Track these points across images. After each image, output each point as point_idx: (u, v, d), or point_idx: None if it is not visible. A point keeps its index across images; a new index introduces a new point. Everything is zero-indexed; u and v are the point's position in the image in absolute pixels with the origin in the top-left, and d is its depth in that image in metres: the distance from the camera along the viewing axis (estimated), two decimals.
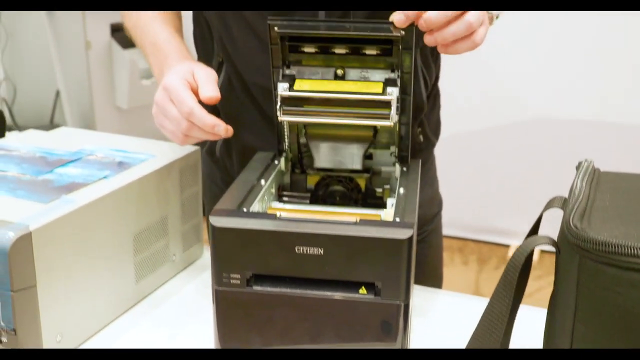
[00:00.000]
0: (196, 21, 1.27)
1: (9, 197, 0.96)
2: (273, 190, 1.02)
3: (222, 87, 1.21)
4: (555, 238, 0.79)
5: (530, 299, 2.76)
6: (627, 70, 2.86)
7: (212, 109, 1.22)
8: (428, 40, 0.95)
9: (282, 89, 1.00)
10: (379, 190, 1.02)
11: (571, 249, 0.72)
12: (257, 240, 0.84)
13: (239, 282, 0.86)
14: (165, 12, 1.20)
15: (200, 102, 1.01)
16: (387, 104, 0.98)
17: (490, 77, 2.90)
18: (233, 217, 0.85)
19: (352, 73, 1.03)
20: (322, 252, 0.83)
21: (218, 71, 1.21)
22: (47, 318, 0.91)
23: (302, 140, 1.07)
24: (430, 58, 1.22)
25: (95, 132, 1.27)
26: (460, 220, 3.21)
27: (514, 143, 3.07)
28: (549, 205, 0.89)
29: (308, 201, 1.04)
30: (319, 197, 1.06)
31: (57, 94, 2.89)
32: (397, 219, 0.86)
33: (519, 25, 2.84)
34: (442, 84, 1.31)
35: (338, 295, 0.85)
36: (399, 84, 1.00)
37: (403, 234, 0.82)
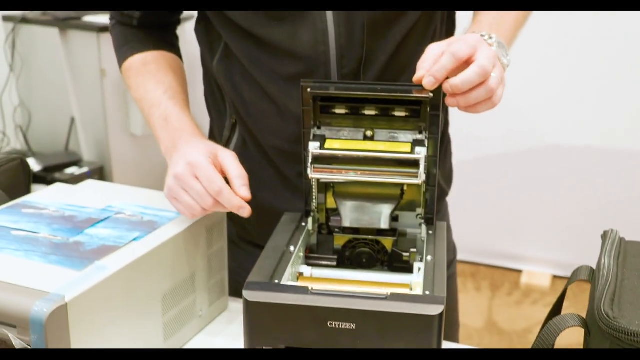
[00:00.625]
0: (206, 81, 1.28)
1: (43, 264, 0.97)
2: (301, 254, 1.03)
3: (237, 147, 1.22)
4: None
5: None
6: None
7: None
8: (450, 102, 0.97)
9: (314, 147, 1.01)
10: (406, 254, 1.04)
11: (602, 334, 0.73)
12: (290, 314, 0.85)
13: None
14: (172, 82, 1.19)
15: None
16: (415, 163, 0.99)
17: (503, 105, 2.90)
18: (266, 291, 0.86)
19: (381, 134, 1.04)
20: (354, 327, 0.84)
21: (231, 132, 1.22)
22: None
23: (329, 201, 1.08)
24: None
25: (121, 185, 1.29)
26: (473, 245, 3.22)
27: (527, 169, 3.08)
28: (575, 276, 0.90)
29: (335, 263, 1.06)
30: (345, 258, 1.07)
31: (72, 120, 2.91)
32: (427, 292, 0.87)
33: (529, 54, 2.86)
34: (453, 112, 1.32)
35: None
36: (426, 145, 1.02)
37: (434, 310, 0.83)
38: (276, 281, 0.90)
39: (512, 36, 1.13)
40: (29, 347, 0.89)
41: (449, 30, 1.25)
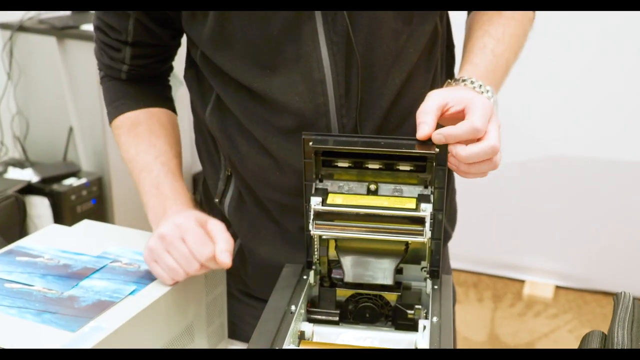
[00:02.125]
0: (198, 130, 1.23)
1: (36, 324, 0.94)
2: (302, 311, 1.00)
3: (233, 200, 1.18)
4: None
5: (546, 340, 2.75)
6: None
7: (222, 221, 1.20)
8: (451, 167, 0.97)
9: (315, 203, 0.98)
10: (410, 312, 1.01)
11: None
12: None
13: None
14: (164, 147, 1.16)
15: None
16: (420, 221, 0.96)
17: (506, 115, 2.88)
18: None
19: (385, 188, 1.01)
20: None
21: (226, 185, 1.18)
22: None
23: (332, 252, 1.05)
24: None
25: (118, 227, 1.25)
26: (475, 255, 3.19)
27: (531, 179, 3.05)
28: (585, 344, 0.87)
29: (337, 318, 1.02)
30: (348, 312, 1.04)
31: (70, 130, 2.88)
32: None
33: (536, 66, 2.82)
34: None
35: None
36: (432, 200, 0.99)
37: None
38: (277, 347, 0.87)
39: (503, 79, 1.11)
40: None
41: (448, 67, 1.22)
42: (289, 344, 0.91)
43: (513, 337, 2.79)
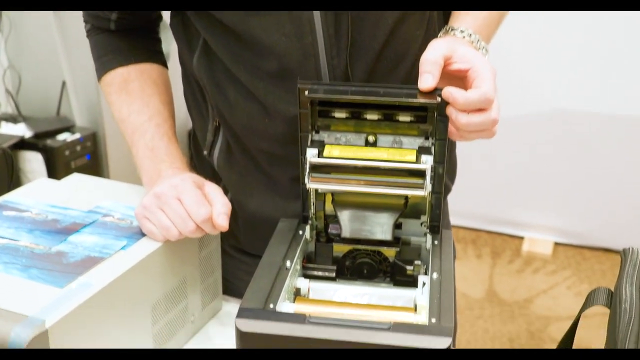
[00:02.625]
0: (186, 80, 1.19)
1: (22, 280, 0.91)
2: (298, 267, 0.97)
3: (221, 152, 1.14)
4: None
5: (544, 296, 2.74)
6: None
7: (212, 175, 1.16)
8: (451, 131, 0.93)
9: (311, 155, 0.95)
10: (409, 267, 0.97)
11: None
12: (286, 345, 0.79)
13: None
14: (158, 107, 1.11)
15: None
16: (421, 173, 0.93)
17: (506, 69, 2.82)
18: (260, 319, 0.80)
19: (384, 139, 0.97)
20: None
21: (215, 136, 1.14)
22: None
23: (328, 207, 1.02)
24: None
25: (109, 181, 1.22)
26: (474, 211, 3.17)
27: (529, 134, 3.01)
28: (591, 301, 0.84)
29: (334, 274, 0.99)
30: (345, 268, 1.01)
31: (63, 84, 2.83)
32: (434, 320, 0.81)
33: (536, 19, 2.76)
34: None
35: None
36: (433, 152, 0.95)
37: (440, 342, 0.77)
38: (271, 305, 0.84)
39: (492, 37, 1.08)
40: None
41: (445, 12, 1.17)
42: (284, 300, 0.88)
43: (511, 293, 2.78)
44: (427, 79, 0.90)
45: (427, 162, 0.92)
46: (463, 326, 2.59)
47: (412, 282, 0.97)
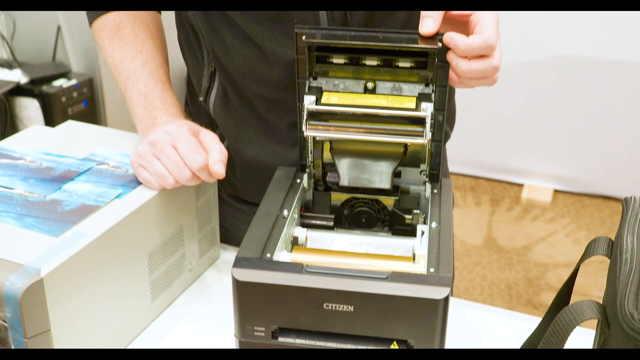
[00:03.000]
0: (179, 23, 1.16)
1: (17, 228, 0.90)
2: (296, 216, 0.96)
3: (217, 99, 1.12)
4: None
5: (542, 244, 2.74)
6: None
7: (208, 122, 1.14)
8: (451, 77, 0.91)
9: (309, 102, 0.93)
10: (408, 216, 0.96)
11: (625, 336, 0.67)
12: (283, 295, 0.79)
13: (263, 334, 0.81)
14: (151, 52, 1.08)
15: None
16: (421, 121, 0.91)
17: (504, 15, 2.78)
18: (257, 269, 0.79)
19: (383, 86, 0.95)
20: (352, 309, 0.78)
21: (210, 81, 1.11)
22: None
23: (327, 155, 1.00)
24: None
25: (104, 128, 1.20)
26: (473, 159, 3.15)
27: (531, 80, 2.97)
28: (591, 250, 0.83)
29: (332, 223, 0.98)
30: (343, 217, 1.00)
31: (59, 29, 2.78)
32: (432, 270, 0.80)
33: None
34: None
35: (369, 348, 0.80)
36: (433, 99, 0.93)
37: (439, 292, 0.77)
38: (268, 255, 0.83)
39: None
40: (5, 323, 0.83)
41: None
42: (281, 249, 0.87)
43: (510, 240, 2.78)
44: (428, 24, 0.87)
45: (427, 110, 0.91)
46: (461, 273, 2.60)
47: (410, 232, 0.97)
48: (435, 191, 0.97)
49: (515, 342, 0.94)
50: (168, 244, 1.04)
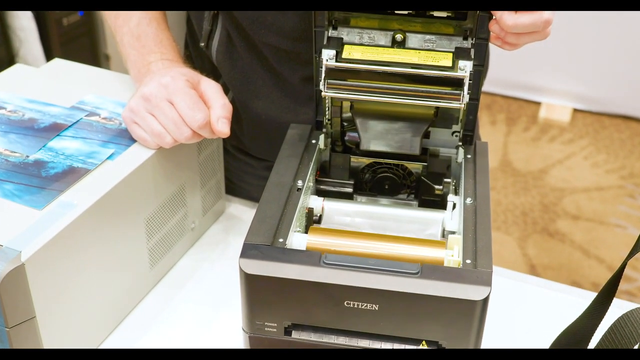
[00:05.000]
0: None
1: None
2: (311, 184, 0.85)
3: (220, 45, 0.98)
4: None
5: (560, 167, 2.62)
6: None
7: (211, 69, 1.01)
8: (492, 39, 0.80)
9: (328, 57, 0.80)
10: (438, 187, 0.85)
11: None
12: (298, 289, 0.69)
13: (275, 330, 0.72)
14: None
15: None
16: (458, 82, 0.79)
17: None
18: (268, 260, 0.69)
19: (415, 39, 0.82)
20: (376, 308, 0.68)
21: (213, 25, 0.97)
22: (52, 342, 0.78)
23: (346, 112, 0.88)
24: None
25: (96, 69, 1.07)
26: (489, 74, 2.99)
27: None
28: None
29: (351, 189, 0.88)
30: (364, 183, 0.89)
31: None
32: (469, 262, 0.70)
33: None
34: None
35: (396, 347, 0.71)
36: (473, 56, 0.80)
37: (478, 293, 0.67)
38: (281, 240, 0.72)
39: None
40: None
41: None
42: (296, 230, 0.77)
43: (526, 163, 2.67)
44: None
45: (465, 69, 0.78)
46: None
47: (440, 202, 0.86)
48: (469, 156, 0.86)
49: (553, 323, 0.84)
50: (167, 205, 0.94)
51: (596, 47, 2.85)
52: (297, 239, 0.75)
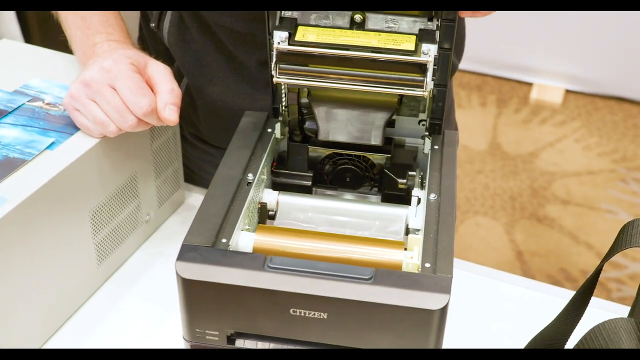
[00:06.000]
0: None
1: None
2: (264, 177, 0.79)
3: (172, 26, 0.91)
4: None
5: (551, 150, 2.56)
6: None
7: (165, 53, 0.95)
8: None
9: (279, 39, 0.74)
10: (402, 181, 0.79)
11: None
12: (240, 296, 0.63)
13: (217, 338, 0.66)
14: None
15: None
16: (421, 68, 0.73)
17: None
18: (206, 263, 0.63)
19: (375, 19, 0.75)
20: (325, 317, 0.63)
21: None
22: None
23: (305, 98, 0.82)
24: None
25: (46, 50, 1.00)
26: (480, 54, 2.93)
27: None
28: (629, 239, 0.66)
29: (310, 183, 0.82)
30: (324, 174, 0.83)
31: None
32: (428, 266, 0.64)
33: None
34: None
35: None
36: (438, 38, 0.74)
37: (435, 301, 0.61)
38: (224, 240, 0.66)
39: None
40: None
41: None
42: (243, 228, 0.71)
43: (516, 146, 2.61)
44: None
45: (429, 53, 0.71)
46: (462, 182, 2.44)
47: (404, 197, 0.80)
48: (436, 147, 0.79)
49: (529, 325, 0.79)
50: (117, 197, 0.88)
51: (590, 26, 2.77)
52: (244, 239, 0.69)
